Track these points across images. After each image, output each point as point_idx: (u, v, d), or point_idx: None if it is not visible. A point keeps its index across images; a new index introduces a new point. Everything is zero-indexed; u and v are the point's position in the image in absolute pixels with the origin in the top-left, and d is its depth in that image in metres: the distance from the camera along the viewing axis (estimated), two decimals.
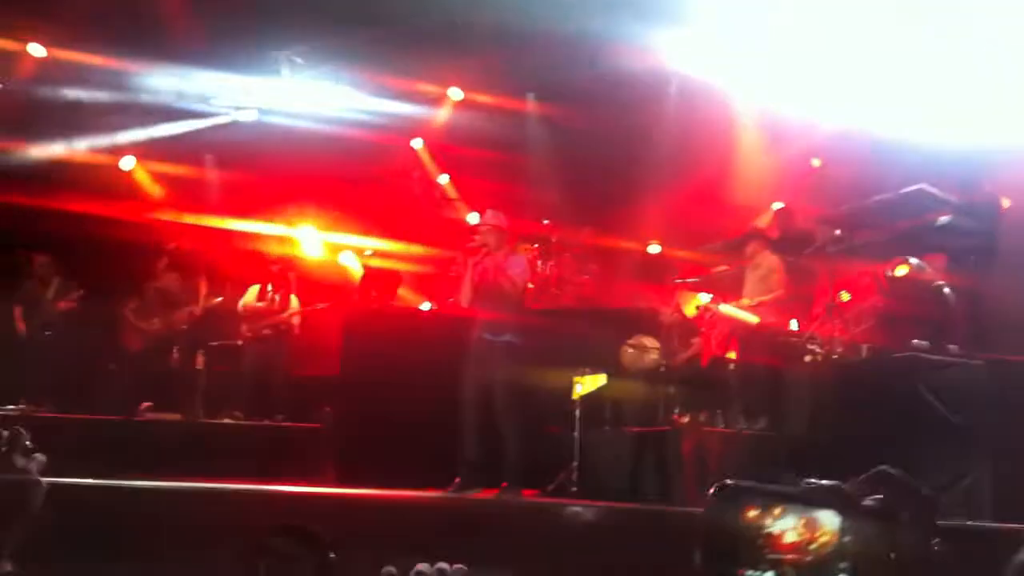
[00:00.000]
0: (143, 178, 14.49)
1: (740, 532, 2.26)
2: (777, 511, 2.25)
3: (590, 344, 10.13)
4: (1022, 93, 9.40)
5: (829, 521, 2.22)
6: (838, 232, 8.84)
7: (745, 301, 9.31)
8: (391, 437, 9.47)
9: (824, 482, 2.29)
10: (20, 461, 1.91)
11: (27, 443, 1.93)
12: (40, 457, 1.93)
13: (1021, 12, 9.50)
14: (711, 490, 2.26)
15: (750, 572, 2.22)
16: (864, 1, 10.54)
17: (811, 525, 2.23)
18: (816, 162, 13.57)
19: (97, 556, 5.79)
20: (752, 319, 9.16)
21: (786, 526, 2.22)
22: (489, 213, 8.47)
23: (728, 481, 2.25)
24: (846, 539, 2.20)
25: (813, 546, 2.18)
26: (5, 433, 1.91)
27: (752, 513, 2.26)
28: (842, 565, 2.18)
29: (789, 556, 2.20)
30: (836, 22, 11.01)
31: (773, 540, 2.23)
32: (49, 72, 13.02)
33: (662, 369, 9.88)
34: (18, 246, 12.03)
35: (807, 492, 2.26)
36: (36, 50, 13.00)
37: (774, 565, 2.22)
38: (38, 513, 1.88)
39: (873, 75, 10.92)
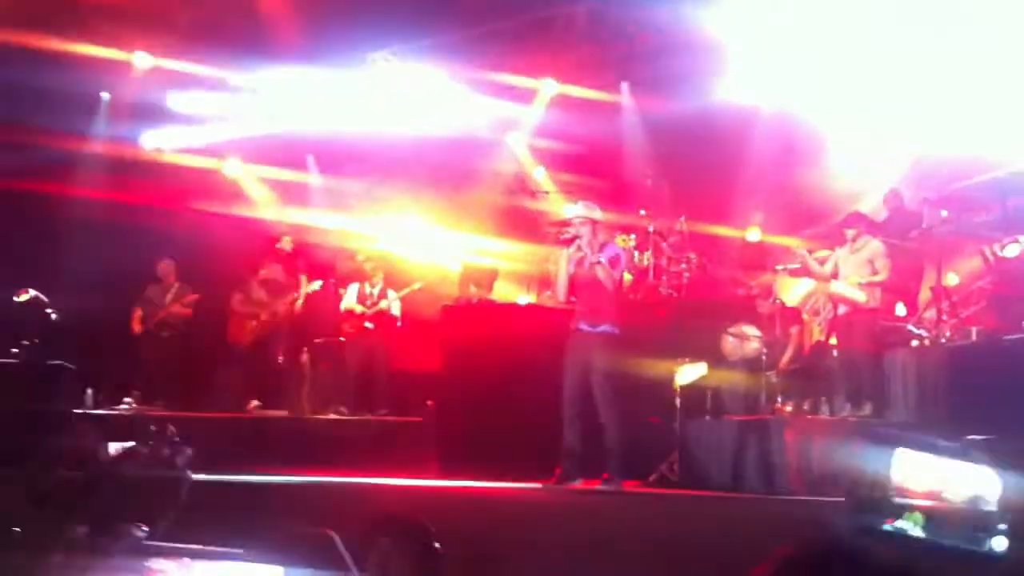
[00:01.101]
0: (248, 179, 14.83)
1: (887, 483, 2.20)
2: (930, 463, 2.18)
3: (690, 333, 10.05)
4: None
5: (987, 478, 2.13)
6: (945, 213, 8.60)
7: (853, 279, 9.08)
8: (492, 430, 9.53)
9: (983, 437, 2.19)
10: (167, 454, 2.00)
11: (175, 438, 2.03)
12: (188, 451, 2.03)
13: None
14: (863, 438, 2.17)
15: (899, 522, 2.15)
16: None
17: (966, 479, 2.15)
18: (918, 144, 13.22)
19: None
20: (861, 296, 8.95)
21: (938, 478, 2.14)
22: (581, 204, 8.46)
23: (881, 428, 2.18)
24: (1006, 496, 2.11)
25: (965, 501, 2.09)
26: (153, 428, 2.01)
27: (903, 463, 2.19)
28: (1001, 525, 2.10)
29: (941, 510, 2.12)
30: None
31: (923, 492, 2.16)
32: (155, 80, 13.43)
33: (763, 357, 9.74)
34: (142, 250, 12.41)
35: (965, 446, 2.18)
36: (143, 59, 13.43)
37: (926, 518, 2.14)
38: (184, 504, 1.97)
39: (975, 50, 10.59)
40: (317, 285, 11.92)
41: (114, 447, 1.99)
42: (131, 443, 1.99)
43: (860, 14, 11.29)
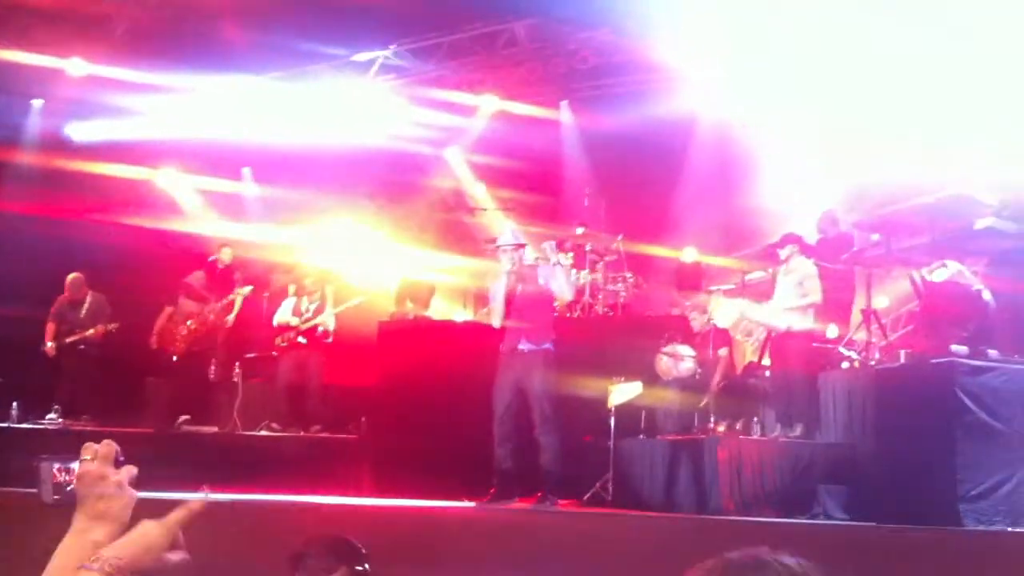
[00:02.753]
0: (182, 190, 14.64)
1: None
2: None
3: (625, 352, 10.09)
4: None
5: None
6: (876, 237, 8.74)
7: (786, 300, 9.20)
8: (426, 447, 9.49)
9: None
10: (111, 473, 1.93)
11: (119, 456, 1.95)
12: (132, 469, 1.95)
13: None
14: None
15: None
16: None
17: None
18: (851, 166, 13.47)
19: None
20: (780, 324, 9.07)
21: None
22: (507, 233, 8.52)
23: None
24: None
25: None
26: (96, 445, 1.93)
27: None
28: None
29: None
30: (874, 28, 10.97)
31: None
32: (90, 87, 13.21)
33: (697, 377, 9.81)
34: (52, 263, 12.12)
35: None
36: (77, 66, 13.21)
37: None
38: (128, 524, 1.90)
39: (910, 79, 10.84)
40: (248, 289, 11.72)
41: (58, 466, 1.91)
42: (75, 462, 1.91)
43: (798, 37, 11.49)
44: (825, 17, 11.16)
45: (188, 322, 11.49)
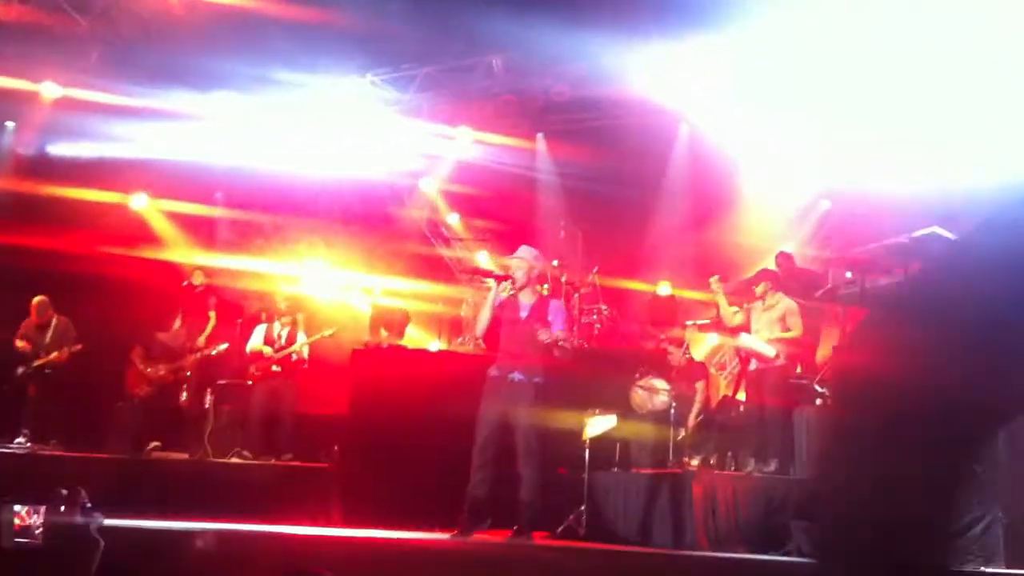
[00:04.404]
0: (154, 216, 14.54)
1: None
2: None
3: (600, 385, 10.08)
4: None
5: None
6: (850, 275, 8.82)
7: (763, 334, 9.23)
8: (398, 477, 9.42)
9: None
10: (79, 520, 1.90)
11: (86, 503, 1.92)
12: (99, 517, 1.93)
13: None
14: None
15: None
16: (874, 43, 10.69)
17: None
18: (825, 204, 13.67)
19: None
20: (770, 351, 9.10)
21: None
22: (523, 249, 8.29)
23: None
24: None
25: None
26: (65, 492, 1.90)
27: None
28: None
29: None
30: (845, 65, 11.16)
31: None
32: (63, 111, 13.13)
33: (672, 410, 9.82)
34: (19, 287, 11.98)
35: None
36: (50, 89, 13.14)
37: None
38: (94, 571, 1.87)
39: (883, 120, 11.04)
40: (223, 347, 11.64)
41: (22, 511, 1.88)
42: (40, 507, 1.88)
43: (775, 68, 11.66)
44: (800, 52, 11.35)
45: (160, 367, 11.37)
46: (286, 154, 14.58)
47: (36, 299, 11.62)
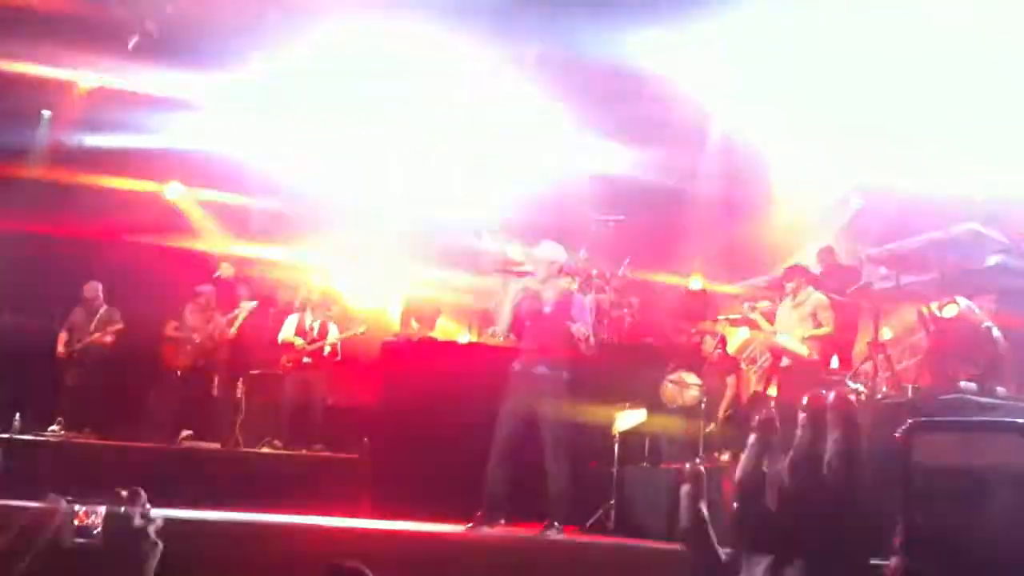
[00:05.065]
0: (189, 205, 14.63)
1: None
2: None
3: (630, 379, 10.05)
4: None
5: None
6: (884, 270, 8.73)
7: (797, 332, 9.15)
8: (427, 469, 9.44)
9: None
10: (139, 522, 1.90)
11: (145, 503, 1.92)
12: (158, 519, 1.93)
13: None
14: None
15: None
16: (907, 44, 10.56)
17: None
18: (858, 201, 13.53)
19: None
20: (804, 350, 9.02)
21: None
22: (545, 244, 8.26)
23: None
24: None
25: None
26: (124, 493, 1.91)
27: None
28: None
29: None
30: (882, 61, 11.04)
31: None
32: (99, 100, 13.22)
33: (703, 406, 9.78)
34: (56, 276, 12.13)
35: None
36: (87, 79, 13.23)
37: None
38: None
39: (919, 116, 10.91)
40: (253, 304, 11.72)
41: (81, 510, 1.89)
42: (100, 508, 1.88)
43: (807, 62, 11.55)
44: (834, 45, 11.23)
45: (193, 336, 11.49)
46: (319, 143, 14.60)
47: (89, 284, 11.81)
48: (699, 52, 12.14)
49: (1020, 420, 6.22)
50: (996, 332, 7.34)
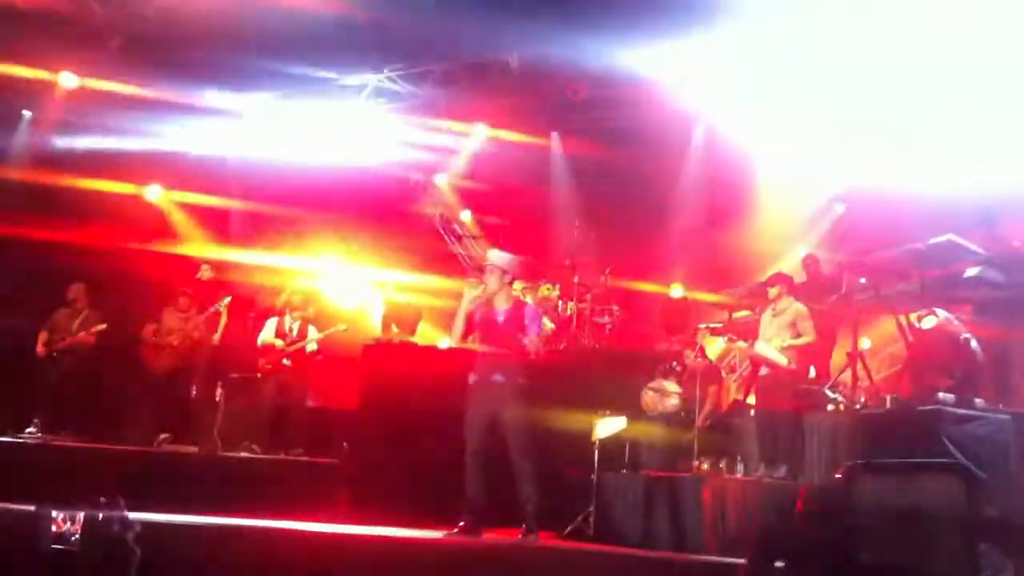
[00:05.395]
0: (169, 208, 14.58)
1: None
2: None
3: (610, 386, 10.08)
4: None
5: None
6: (864, 280, 8.77)
7: (775, 342, 9.20)
8: (407, 474, 9.45)
9: None
10: (117, 528, 1.90)
11: (123, 511, 1.92)
12: (136, 526, 1.93)
13: None
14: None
15: None
16: (888, 50, 10.64)
17: None
18: (840, 208, 13.63)
19: None
20: (783, 360, 9.06)
21: None
22: (494, 253, 8.32)
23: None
24: None
25: None
26: (103, 500, 1.91)
27: None
28: None
29: None
30: (862, 68, 11.12)
31: None
32: (80, 102, 13.15)
33: (682, 414, 9.80)
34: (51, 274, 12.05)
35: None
36: (68, 80, 13.15)
37: None
38: None
39: (899, 124, 11.00)
40: (227, 300, 11.66)
41: (59, 516, 1.89)
42: (78, 514, 1.88)
43: (792, 69, 11.62)
44: (817, 53, 11.31)
45: (172, 338, 11.44)
46: (301, 148, 14.61)
47: (74, 285, 11.72)
48: (685, 57, 12.18)
49: (954, 460, 6.31)
50: (974, 343, 7.38)
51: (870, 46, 10.84)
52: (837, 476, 3.94)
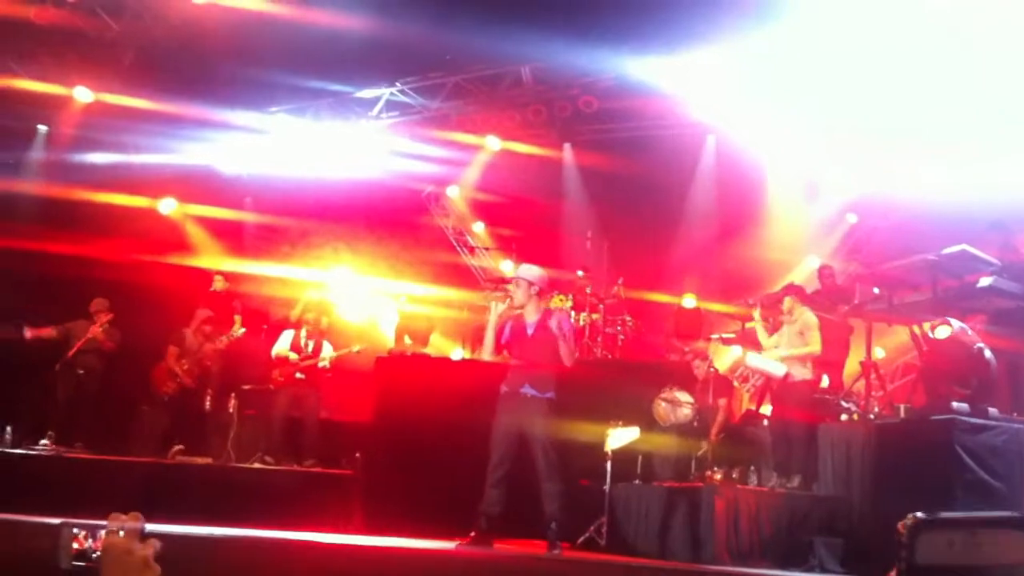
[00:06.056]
0: (183, 220, 14.65)
1: None
2: None
3: (623, 396, 10.06)
4: None
5: None
6: (877, 291, 8.76)
7: (777, 352, 9.21)
8: (419, 485, 9.45)
9: None
10: (137, 547, 1.91)
11: (144, 528, 1.93)
12: (156, 543, 1.93)
13: None
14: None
15: None
16: (900, 59, 10.64)
17: None
18: (851, 218, 13.62)
19: None
20: (779, 371, 9.06)
21: None
22: (522, 267, 8.31)
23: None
24: None
25: None
26: (124, 517, 1.91)
27: None
28: None
29: None
30: (873, 78, 11.12)
31: None
32: (95, 116, 13.23)
33: (695, 424, 9.78)
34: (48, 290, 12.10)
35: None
36: (83, 94, 13.24)
37: None
38: None
39: (911, 134, 11.00)
40: (241, 331, 11.72)
41: (80, 533, 1.89)
42: (99, 531, 1.88)
43: (803, 82, 11.63)
44: (828, 66, 11.31)
45: (183, 361, 11.48)
46: (314, 161, 14.68)
47: (96, 299, 11.76)
48: (696, 69, 12.21)
49: (1018, 515, 6.25)
50: (988, 353, 7.37)
51: (881, 56, 10.85)
52: (899, 530, 3.88)
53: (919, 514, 4.95)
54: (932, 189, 11.10)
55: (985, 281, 7.76)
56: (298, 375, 11.13)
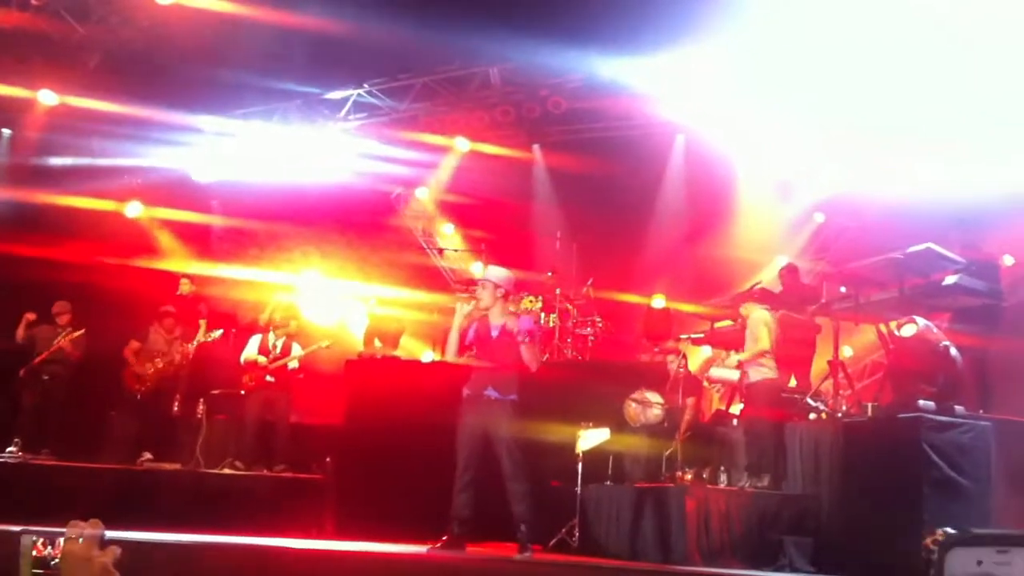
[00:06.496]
0: (150, 223, 14.54)
1: None
2: None
3: (594, 397, 10.07)
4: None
5: None
6: (844, 289, 8.82)
7: (734, 357, 9.30)
8: (392, 489, 9.41)
9: None
10: (97, 554, 1.89)
11: (103, 536, 1.91)
12: (116, 550, 1.91)
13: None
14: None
15: None
16: (866, 61, 10.72)
17: None
18: (819, 217, 13.73)
19: None
20: (734, 376, 9.12)
21: None
22: (490, 269, 8.30)
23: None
24: None
25: None
26: (83, 524, 1.90)
27: None
28: None
29: None
30: (840, 79, 11.20)
31: None
32: (59, 119, 13.10)
33: (665, 424, 9.82)
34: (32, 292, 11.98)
35: None
36: (47, 97, 13.11)
37: None
38: None
39: (877, 134, 11.09)
40: (217, 334, 11.65)
41: (40, 540, 1.87)
42: (58, 538, 1.87)
43: (771, 81, 11.69)
44: (795, 64, 11.39)
45: (156, 360, 11.37)
46: (281, 163, 14.62)
47: (57, 303, 11.65)
48: (665, 69, 12.25)
49: None
50: (954, 351, 7.44)
51: (848, 58, 10.93)
52: (928, 546, 3.90)
53: (948, 529, 4.95)
54: (899, 188, 11.20)
55: (950, 279, 7.83)
56: (268, 378, 11.06)
